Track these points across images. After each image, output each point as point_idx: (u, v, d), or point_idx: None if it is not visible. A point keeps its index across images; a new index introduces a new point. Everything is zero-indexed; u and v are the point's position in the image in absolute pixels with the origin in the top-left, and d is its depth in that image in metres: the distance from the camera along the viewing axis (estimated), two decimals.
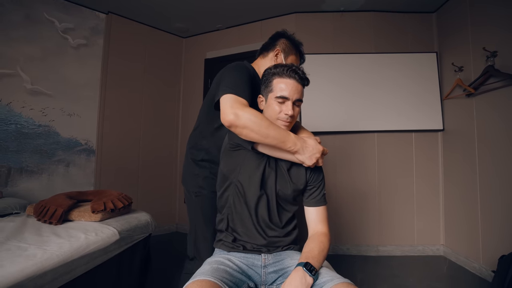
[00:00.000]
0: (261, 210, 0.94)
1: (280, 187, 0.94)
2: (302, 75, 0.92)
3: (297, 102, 0.91)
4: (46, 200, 1.48)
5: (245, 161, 0.95)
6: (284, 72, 0.90)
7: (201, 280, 0.72)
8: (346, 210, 2.55)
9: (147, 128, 3.00)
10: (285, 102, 0.90)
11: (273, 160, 0.96)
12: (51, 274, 0.99)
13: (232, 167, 0.96)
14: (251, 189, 0.93)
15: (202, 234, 1.11)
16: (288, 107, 0.89)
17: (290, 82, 0.90)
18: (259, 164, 0.94)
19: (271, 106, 0.92)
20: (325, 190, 0.99)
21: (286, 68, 0.91)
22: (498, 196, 1.89)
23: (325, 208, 0.97)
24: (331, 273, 0.81)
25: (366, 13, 2.68)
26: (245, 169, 0.94)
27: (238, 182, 0.94)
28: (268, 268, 0.91)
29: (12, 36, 2.24)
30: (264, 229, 0.93)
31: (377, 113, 2.55)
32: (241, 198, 0.94)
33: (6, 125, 2.20)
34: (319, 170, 0.98)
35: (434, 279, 1.99)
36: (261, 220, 0.94)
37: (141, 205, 2.72)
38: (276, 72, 0.92)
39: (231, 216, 0.96)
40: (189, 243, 1.18)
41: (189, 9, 2.67)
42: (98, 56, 2.69)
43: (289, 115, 0.89)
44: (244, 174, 0.94)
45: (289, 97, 0.89)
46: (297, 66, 0.92)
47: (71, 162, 2.50)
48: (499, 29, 1.91)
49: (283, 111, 0.90)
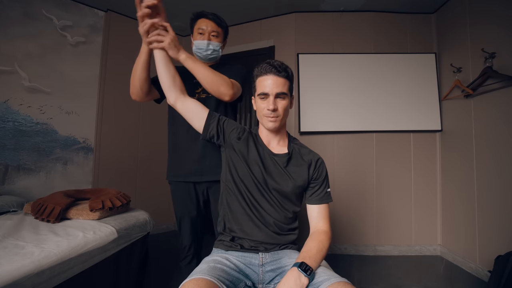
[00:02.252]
0: (257, 207, 0.94)
1: (278, 183, 0.95)
2: (279, 67, 0.93)
3: (281, 95, 0.93)
4: (44, 198, 1.47)
5: (234, 160, 0.97)
6: (262, 70, 0.94)
7: (197, 279, 0.72)
8: (344, 210, 2.56)
9: (146, 127, 3.00)
10: (267, 98, 0.93)
11: (267, 158, 0.97)
12: (49, 273, 0.98)
13: (225, 168, 1.01)
14: (244, 186, 0.95)
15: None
16: (269, 102, 0.92)
17: (268, 77, 0.92)
18: (250, 161, 0.96)
19: (257, 104, 0.97)
20: (329, 187, 0.99)
21: (263, 65, 0.94)
22: (495, 196, 1.90)
23: (327, 206, 0.97)
24: (328, 272, 0.81)
25: (366, 13, 2.68)
26: (236, 167, 0.97)
27: (229, 181, 0.98)
28: (265, 266, 0.91)
29: (10, 33, 2.23)
30: (259, 226, 0.94)
31: (375, 113, 2.56)
32: (233, 196, 0.97)
33: (4, 122, 2.18)
34: (323, 167, 0.99)
35: (431, 279, 2.00)
36: (257, 215, 0.94)
37: (139, 204, 2.71)
38: (256, 73, 0.96)
39: (227, 217, 0.98)
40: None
41: (188, 7, 2.65)
42: (97, 53, 2.68)
43: (271, 110, 0.91)
44: (235, 172, 0.96)
45: (268, 92, 0.92)
46: (273, 60, 0.95)
47: (69, 160, 2.49)
48: (498, 30, 1.91)
49: (265, 107, 0.93)
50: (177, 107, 1.01)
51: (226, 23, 1.32)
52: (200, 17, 1.28)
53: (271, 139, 1.01)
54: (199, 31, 1.26)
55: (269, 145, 1.01)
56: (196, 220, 1.34)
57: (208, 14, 1.27)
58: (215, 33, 1.28)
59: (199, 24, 1.28)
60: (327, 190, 0.98)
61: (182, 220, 1.34)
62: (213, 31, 1.27)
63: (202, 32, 1.26)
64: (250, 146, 0.99)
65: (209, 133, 0.99)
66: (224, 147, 1.01)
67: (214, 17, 1.27)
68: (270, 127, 0.95)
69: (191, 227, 1.34)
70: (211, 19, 1.26)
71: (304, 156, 0.99)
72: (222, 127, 1.00)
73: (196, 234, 1.35)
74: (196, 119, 1.00)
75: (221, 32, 1.31)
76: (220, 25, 1.29)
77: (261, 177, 0.94)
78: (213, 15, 1.27)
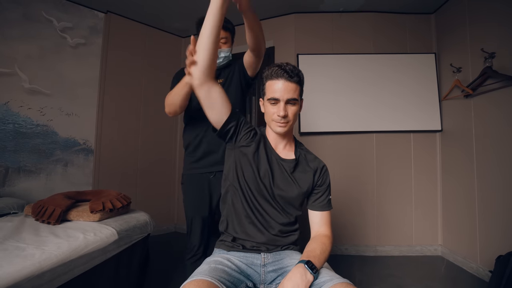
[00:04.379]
0: (260, 210, 0.94)
1: (283, 189, 0.94)
2: (291, 72, 0.89)
3: (291, 101, 0.90)
4: (44, 200, 1.47)
5: (241, 161, 0.96)
6: (273, 74, 0.90)
7: (198, 280, 0.72)
8: (344, 210, 2.56)
9: (146, 128, 3.00)
10: (277, 103, 0.90)
11: (274, 162, 0.96)
12: (49, 274, 0.98)
13: (230, 167, 0.98)
14: (249, 189, 0.94)
15: None
16: (279, 108, 0.89)
17: (280, 82, 0.89)
18: (257, 164, 0.95)
19: (267, 109, 0.94)
20: (331, 195, 1.00)
21: (274, 69, 0.90)
22: (496, 196, 1.90)
23: (329, 212, 0.98)
24: (330, 273, 0.81)
25: (365, 14, 2.68)
26: (243, 169, 0.95)
27: (236, 182, 0.96)
28: (267, 267, 0.91)
29: (10, 35, 2.23)
30: (262, 230, 0.94)
31: (375, 113, 2.56)
32: (238, 197, 0.95)
33: (4, 124, 2.19)
34: (327, 175, 0.99)
35: (432, 279, 2.00)
36: (260, 219, 0.94)
37: (140, 205, 2.70)
38: (267, 75, 0.92)
39: (231, 217, 0.97)
40: None
41: (188, 9, 2.66)
42: (97, 55, 2.68)
43: (281, 116, 0.89)
44: (241, 174, 0.95)
45: (279, 98, 0.89)
46: (285, 64, 0.91)
47: (70, 161, 2.49)
48: (498, 30, 1.92)
49: (275, 113, 0.90)
50: (202, 89, 0.87)
51: (232, 24, 1.33)
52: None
53: (278, 142, 0.99)
54: None
55: (276, 148, 0.99)
56: (207, 220, 1.36)
57: None
58: (224, 39, 1.29)
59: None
60: (329, 198, 0.99)
61: (194, 220, 1.36)
62: (222, 38, 1.28)
63: None
64: (260, 150, 0.97)
65: (225, 131, 0.94)
66: (233, 147, 0.98)
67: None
68: (280, 132, 0.93)
69: (202, 227, 1.35)
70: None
71: (310, 163, 0.99)
72: (239, 129, 0.96)
73: (206, 234, 1.37)
74: (216, 112, 0.91)
75: (229, 36, 1.32)
76: (228, 29, 1.30)
77: (267, 182, 0.94)
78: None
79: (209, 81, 0.87)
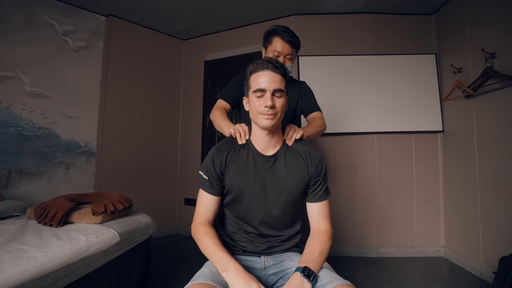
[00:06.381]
0: (259, 216, 0.92)
1: (281, 190, 0.93)
2: (276, 63, 0.88)
3: (278, 92, 0.86)
4: (47, 203, 1.48)
5: (232, 167, 0.92)
6: (258, 66, 0.88)
7: (199, 284, 0.73)
8: (346, 212, 2.55)
9: (147, 130, 3.01)
10: (264, 94, 0.86)
11: (261, 168, 0.92)
12: (52, 277, 0.99)
13: (225, 173, 0.94)
14: (245, 195, 0.92)
15: None
16: (266, 99, 0.85)
17: (265, 73, 0.86)
18: (244, 191, 0.92)
19: (252, 102, 0.89)
20: (327, 182, 0.97)
21: (259, 62, 0.89)
22: (498, 197, 1.89)
23: (327, 202, 0.94)
24: (331, 274, 0.81)
25: (365, 15, 2.69)
26: (235, 175, 0.92)
27: (233, 188, 0.92)
28: (268, 270, 0.91)
29: (12, 39, 2.25)
30: (262, 236, 0.93)
31: (376, 114, 2.56)
32: (237, 204, 0.93)
33: (6, 127, 2.20)
34: (321, 164, 0.94)
35: (434, 280, 1.98)
36: (260, 226, 0.93)
37: (142, 207, 2.72)
38: (251, 69, 0.90)
39: (231, 222, 0.97)
40: None
41: (188, 11, 2.68)
42: (98, 58, 2.70)
43: (268, 106, 0.84)
44: (236, 180, 0.92)
45: (265, 88, 0.85)
46: (270, 58, 0.90)
47: (71, 164, 2.50)
48: (498, 30, 1.91)
49: (262, 104, 0.86)
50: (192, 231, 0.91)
51: (299, 40, 1.33)
52: (275, 34, 1.28)
53: (266, 143, 0.93)
54: (275, 53, 1.28)
55: (264, 150, 0.94)
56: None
57: (284, 36, 1.26)
58: (290, 56, 1.29)
59: (275, 44, 1.28)
60: (326, 185, 0.95)
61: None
62: (288, 54, 1.28)
63: (278, 55, 1.28)
64: (240, 165, 0.92)
65: (223, 193, 0.94)
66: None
67: (290, 39, 1.26)
68: (267, 125, 0.86)
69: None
70: (287, 42, 1.26)
71: (302, 155, 0.94)
72: (216, 177, 0.91)
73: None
74: (213, 202, 0.93)
75: (295, 53, 1.32)
76: (295, 46, 1.30)
77: (261, 197, 0.91)
78: (289, 37, 1.26)
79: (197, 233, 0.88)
